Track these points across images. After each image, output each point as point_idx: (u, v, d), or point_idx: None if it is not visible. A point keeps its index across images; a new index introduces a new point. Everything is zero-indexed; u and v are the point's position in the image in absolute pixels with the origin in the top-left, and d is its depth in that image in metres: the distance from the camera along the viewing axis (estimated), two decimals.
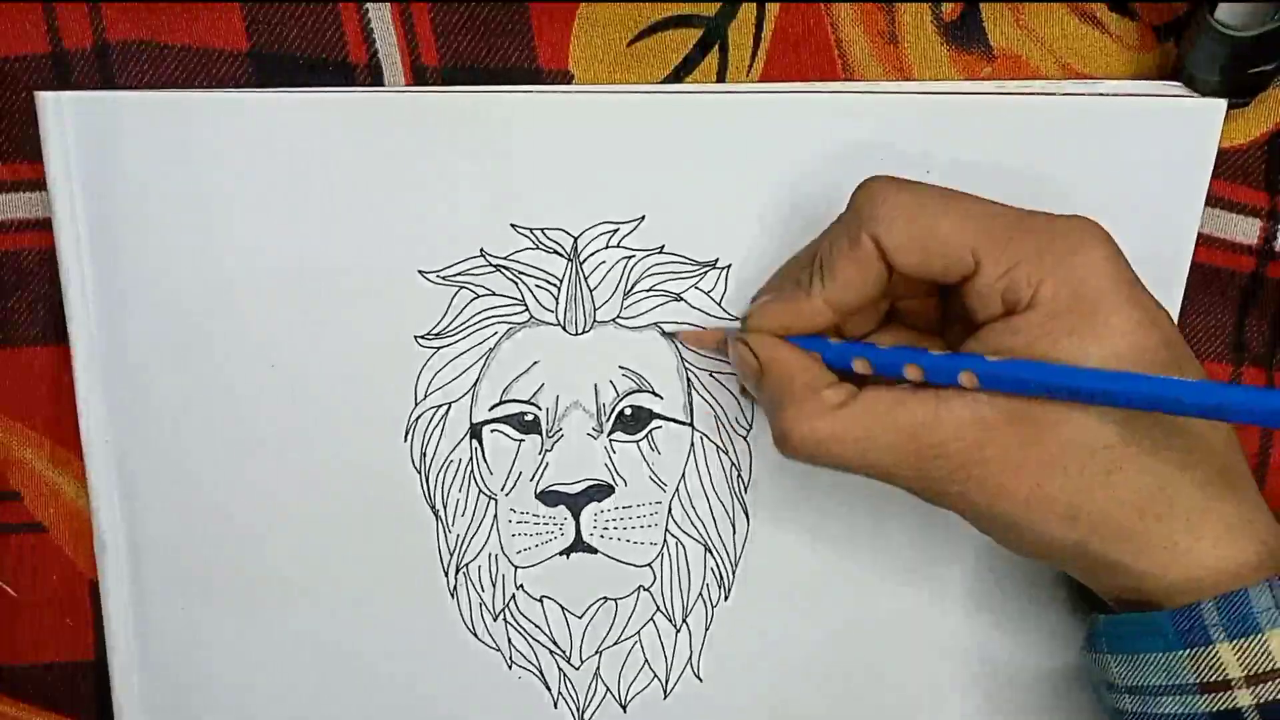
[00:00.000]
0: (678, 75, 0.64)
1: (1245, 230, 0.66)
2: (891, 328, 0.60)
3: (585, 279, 0.63)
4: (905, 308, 0.59)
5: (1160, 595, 0.53)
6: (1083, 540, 0.52)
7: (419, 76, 0.63)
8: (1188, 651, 0.51)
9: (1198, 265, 0.65)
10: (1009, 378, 0.51)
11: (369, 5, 0.62)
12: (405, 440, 0.65)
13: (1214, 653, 0.51)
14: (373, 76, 0.63)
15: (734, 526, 0.66)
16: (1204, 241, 0.65)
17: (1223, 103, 0.62)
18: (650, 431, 0.65)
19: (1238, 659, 0.50)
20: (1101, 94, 0.62)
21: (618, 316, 0.64)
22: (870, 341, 0.59)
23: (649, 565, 0.67)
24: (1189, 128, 0.62)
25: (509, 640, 0.68)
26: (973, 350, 0.53)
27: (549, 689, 0.69)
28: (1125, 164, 0.63)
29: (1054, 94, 0.62)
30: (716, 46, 0.63)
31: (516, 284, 0.63)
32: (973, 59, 0.64)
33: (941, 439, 0.52)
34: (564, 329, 0.64)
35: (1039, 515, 0.52)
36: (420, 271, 0.63)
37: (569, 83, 0.64)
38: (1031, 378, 0.51)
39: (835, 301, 0.55)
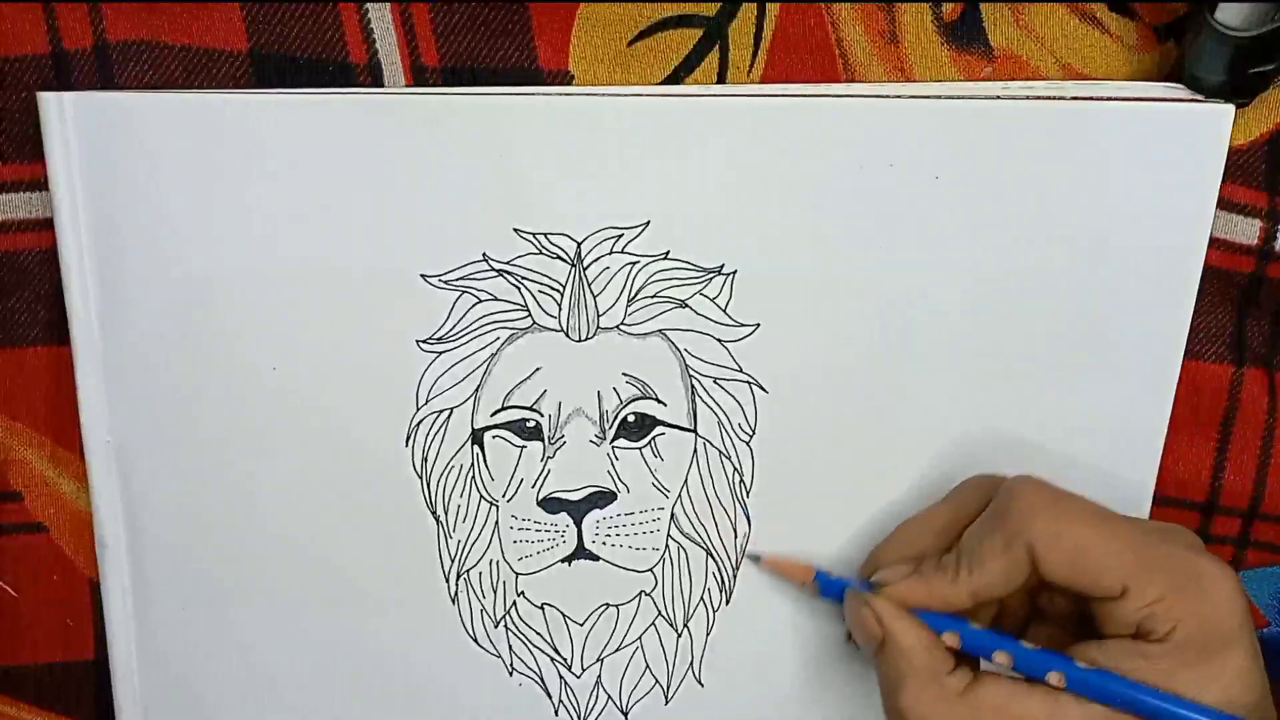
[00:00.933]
0: (678, 75, 0.64)
1: (1245, 230, 0.66)
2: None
3: (589, 285, 0.63)
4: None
5: None
6: None
7: (419, 77, 0.63)
8: None
9: None
10: (1093, 687, 0.55)
11: (369, 5, 0.62)
12: (406, 445, 0.65)
13: None
14: (373, 76, 0.63)
15: (736, 531, 0.67)
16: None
17: (1231, 107, 0.62)
18: (653, 438, 0.65)
19: None
20: (1105, 96, 0.62)
21: (621, 323, 0.64)
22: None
23: (650, 571, 0.67)
24: (1197, 133, 0.62)
25: (510, 647, 0.68)
26: (1089, 658, 0.56)
27: (550, 696, 0.69)
28: (1134, 170, 0.63)
29: (1060, 97, 0.62)
30: (717, 46, 0.63)
31: (519, 289, 0.63)
32: (973, 59, 0.64)
33: None
34: (567, 335, 0.64)
35: None
36: (422, 275, 0.63)
37: (569, 83, 0.63)
38: (1134, 699, 0.54)
39: (980, 594, 0.58)
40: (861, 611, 0.60)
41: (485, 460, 0.65)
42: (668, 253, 0.63)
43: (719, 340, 0.64)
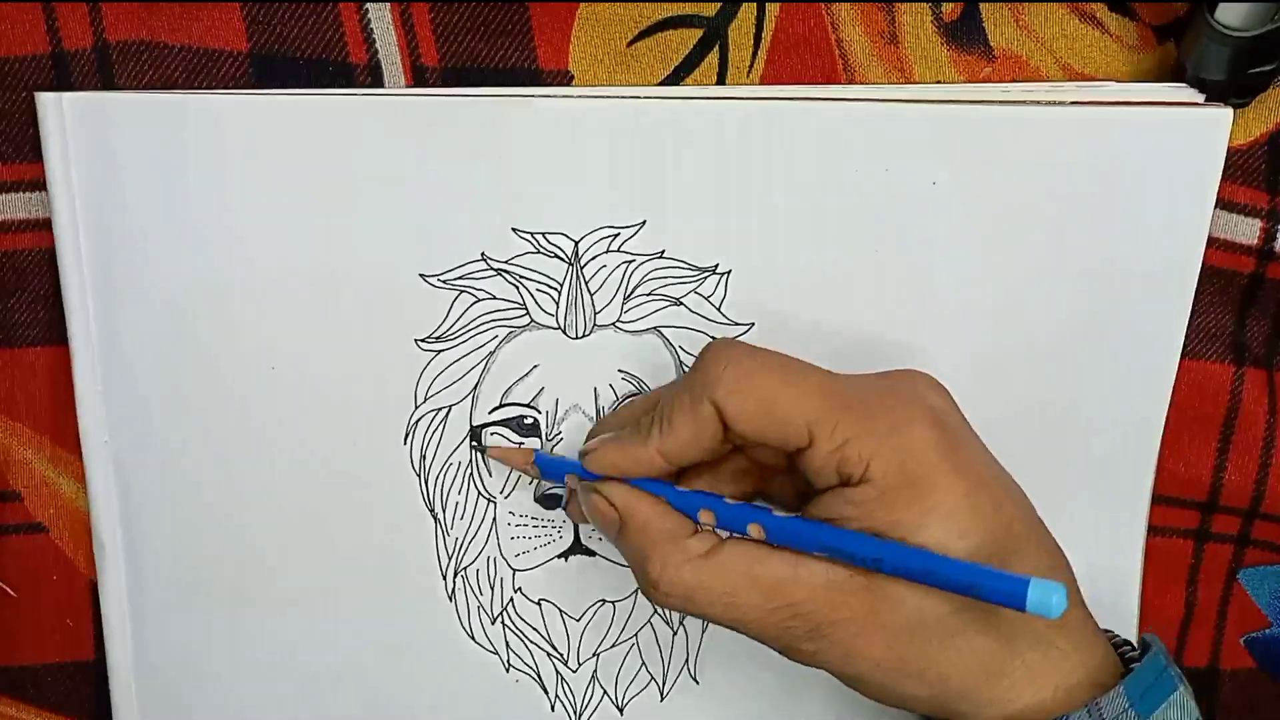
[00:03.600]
0: (678, 75, 0.64)
1: (1245, 230, 0.65)
2: (737, 457, 0.60)
3: (586, 283, 0.63)
4: (752, 447, 0.59)
5: None
6: (933, 695, 0.55)
7: (419, 77, 0.63)
8: None
9: None
10: (834, 548, 0.53)
11: (369, 5, 0.62)
12: (405, 443, 0.65)
13: None
14: (373, 77, 0.63)
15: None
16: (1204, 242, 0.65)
17: (1230, 111, 0.61)
18: None
19: None
20: (1106, 98, 0.62)
21: (618, 321, 0.64)
22: (718, 468, 0.59)
23: None
24: (1196, 136, 0.62)
25: (507, 643, 0.68)
26: (811, 515, 0.55)
27: (546, 692, 0.69)
28: (1132, 174, 0.63)
29: (1060, 101, 0.62)
30: (716, 47, 0.63)
31: (517, 288, 0.63)
32: (973, 59, 0.64)
33: (799, 599, 0.54)
34: (564, 333, 0.64)
35: (890, 675, 0.54)
36: (421, 274, 0.63)
37: (569, 83, 0.63)
38: (855, 551, 0.53)
39: (669, 454, 0.56)
40: (593, 498, 0.59)
41: (483, 457, 0.66)
42: (663, 252, 0.63)
43: (714, 338, 0.64)
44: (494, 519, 0.66)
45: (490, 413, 0.65)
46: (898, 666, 0.54)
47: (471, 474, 0.66)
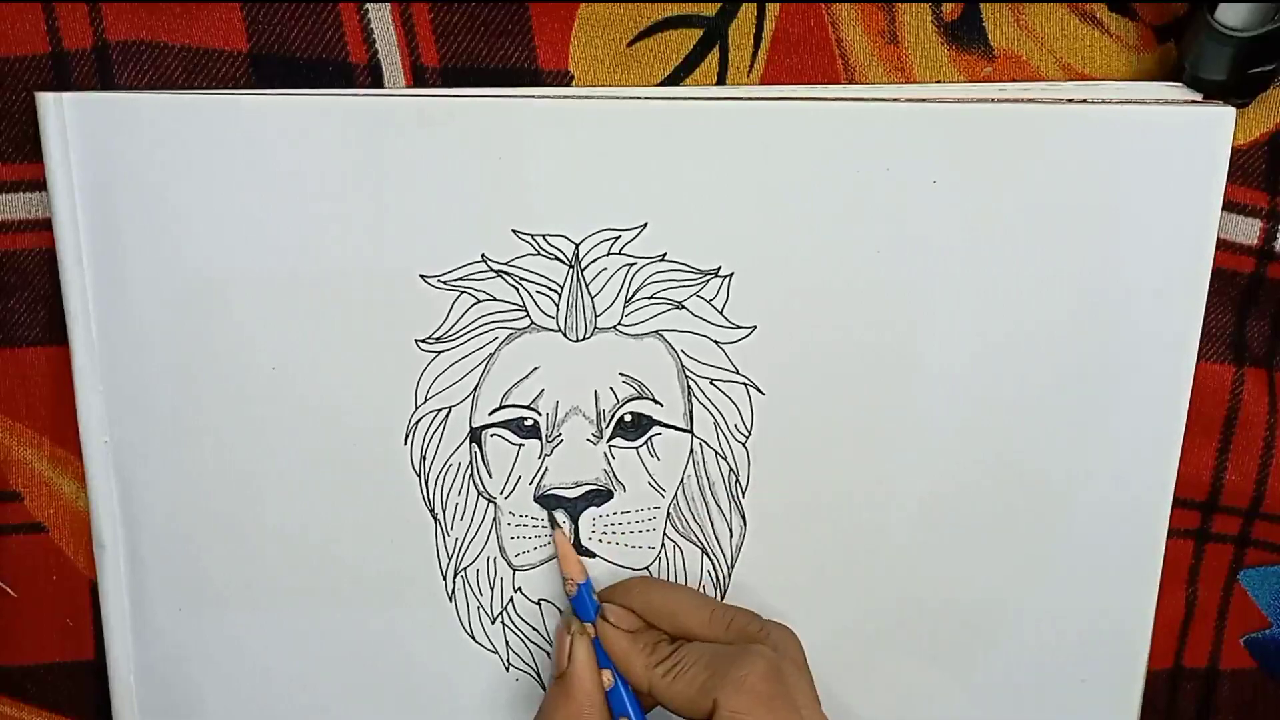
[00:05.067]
0: (678, 76, 0.64)
1: (1245, 230, 0.66)
2: None
3: (586, 285, 0.63)
4: None
5: None
6: None
7: (419, 77, 0.63)
8: None
9: None
10: None
11: (369, 5, 0.62)
12: (405, 443, 0.65)
13: None
14: (373, 77, 0.63)
15: (731, 531, 0.67)
16: None
17: (1232, 110, 0.62)
18: (650, 438, 0.65)
19: None
20: (1105, 97, 0.62)
21: (619, 323, 0.64)
22: None
23: (647, 569, 0.67)
24: (1199, 136, 0.62)
25: (507, 643, 0.68)
26: None
27: (546, 691, 0.68)
28: (1136, 173, 0.63)
29: (1059, 100, 0.62)
30: (716, 47, 0.63)
31: (517, 289, 0.63)
32: (973, 59, 0.64)
33: None
34: (564, 335, 0.64)
35: None
36: (421, 275, 0.63)
37: (569, 83, 0.63)
38: None
39: (658, 696, 0.61)
40: (564, 638, 0.63)
41: (483, 458, 0.65)
42: (665, 254, 0.63)
43: (715, 342, 0.64)
44: (494, 519, 0.66)
45: (490, 414, 0.65)
46: None
47: (471, 474, 0.66)
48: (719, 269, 0.63)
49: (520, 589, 0.67)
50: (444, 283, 0.63)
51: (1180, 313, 0.65)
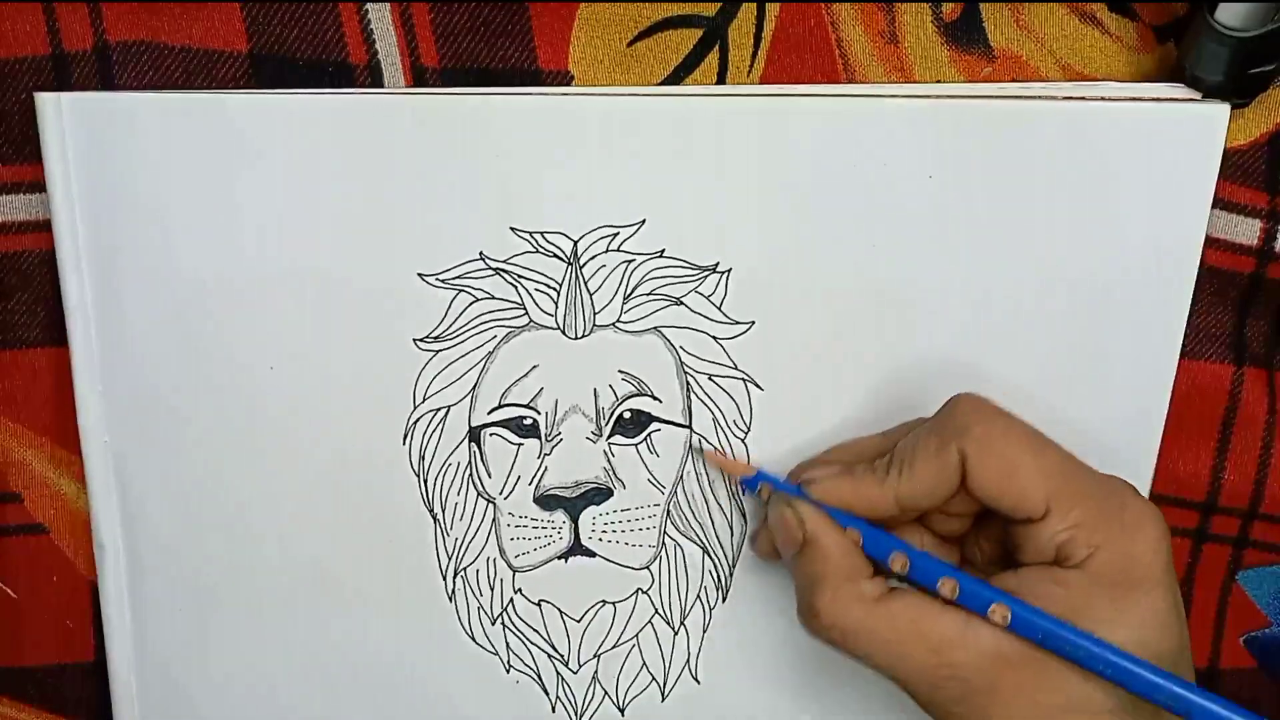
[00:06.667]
0: (678, 75, 0.64)
1: (1245, 231, 0.65)
2: (916, 526, 0.61)
3: (585, 283, 0.63)
4: (940, 515, 0.61)
5: None
6: None
7: (419, 77, 0.63)
8: None
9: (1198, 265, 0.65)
10: (1038, 628, 0.53)
11: (369, 5, 0.62)
12: (404, 443, 0.65)
13: None
14: (372, 77, 0.63)
15: (732, 529, 0.67)
16: (1204, 242, 0.65)
17: (1226, 106, 0.62)
18: (649, 435, 0.65)
19: None
20: (1105, 96, 0.62)
21: (617, 320, 0.64)
22: (896, 532, 0.60)
23: (647, 568, 0.67)
24: (1193, 132, 0.62)
25: (507, 644, 0.68)
26: (1010, 586, 0.55)
27: (547, 693, 0.69)
28: (1129, 169, 0.63)
29: (1057, 97, 0.62)
30: (716, 46, 0.63)
31: (516, 287, 0.63)
32: (973, 59, 0.64)
33: (961, 660, 0.54)
34: (563, 333, 0.64)
35: None
36: (419, 274, 0.63)
37: (569, 83, 0.63)
38: (1059, 635, 0.53)
39: (904, 497, 0.57)
40: (785, 513, 0.59)
41: (483, 458, 0.65)
42: (663, 251, 0.63)
43: (714, 338, 0.64)
44: (493, 519, 0.66)
45: (489, 413, 0.65)
46: None
47: (471, 474, 0.66)
48: (717, 265, 0.63)
49: (520, 590, 0.67)
50: (442, 281, 0.63)
51: (1167, 307, 0.65)
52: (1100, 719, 0.54)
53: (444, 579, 0.67)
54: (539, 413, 0.65)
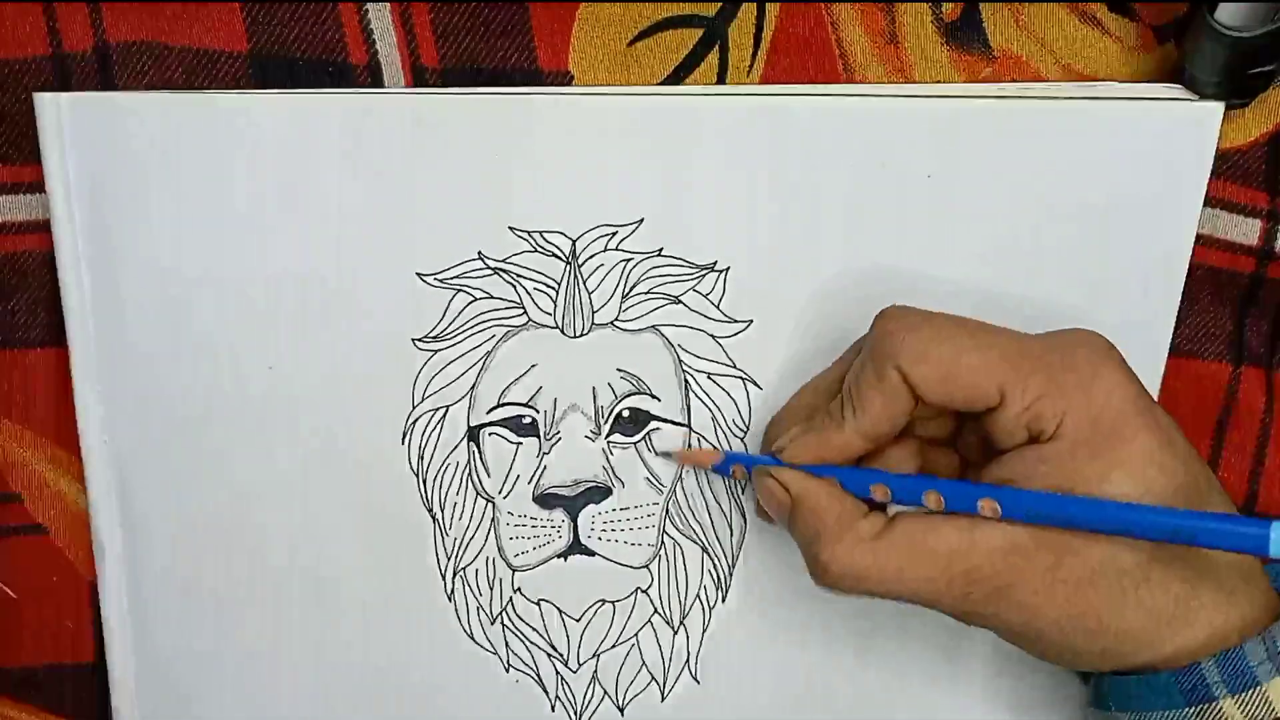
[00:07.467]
0: (678, 75, 0.64)
1: (1245, 231, 0.65)
2: (905, 440, 0.60)
3: (583, 282, 0.63)
4: (920, 422, 0.60)
5: (1159, 662, 0.55)
6: (1108, 648, 0.55)
7: (418, 77, 0.63)
8: (1194, 709, 0.54)
9: (1198, 265, 0.65)
10: (1030, 509, 0.53)
11: (369, 5, 0.62)
12: (403, 443, 0.65)
13: (1218, 708, 0.53)
14: (372, 77, 0.63)
15: (731, 528, 0.67)
16: (1204, 242, 0.65)
17: (1220, 105, 0.62)
18: (648, 433, 0.65)
19: (1241, 712, 0.53)
20: (1103, 96, 0.62)
21: (616, 319, 0.64)
22: (885, 453, 0.59)
23: (646, 567, 0.67)
24: (1187, 130, 0.62)
25: (506, 643, 0.68)
26: (996, 476, 0.55)
27: (546, 692, 0.69)
28: (1124, 167, 0.63)
29: (1054, 97, 0.62)
30: (716, 47, 0.63)
31: (514, 287, 0.63)
32: (973, 59, 0.64)
33: (976, 564, 0.54)
34: (562, 332, 0.64)
35: (1069, 631, 0.54)
36: (418, 274, 0.63)
37: (569, 83, 0.63)
38: (1051, 510, 0.52)
39: (868, 432, 0.57)
40: (766, 483, 0.59)
41: (482, 457, 0.65)
42: (661, 250, 0.63)
43: (712, 336, 0.64)
44: (492, 519, 0.66)
45: (488, 412, 0.65)
46: (1077, 621, 0.54)
47: (470, 474, 0.66)
48: (715, 264, 0.63)
49: (520, 589, 0.67)
50: (441, 281, 0.63)
51: (1157, 304, 0.65)
52: (1131, 575, 0.53)
53: (443, 578, 0.67)
54: (538, 411, 0.65)
